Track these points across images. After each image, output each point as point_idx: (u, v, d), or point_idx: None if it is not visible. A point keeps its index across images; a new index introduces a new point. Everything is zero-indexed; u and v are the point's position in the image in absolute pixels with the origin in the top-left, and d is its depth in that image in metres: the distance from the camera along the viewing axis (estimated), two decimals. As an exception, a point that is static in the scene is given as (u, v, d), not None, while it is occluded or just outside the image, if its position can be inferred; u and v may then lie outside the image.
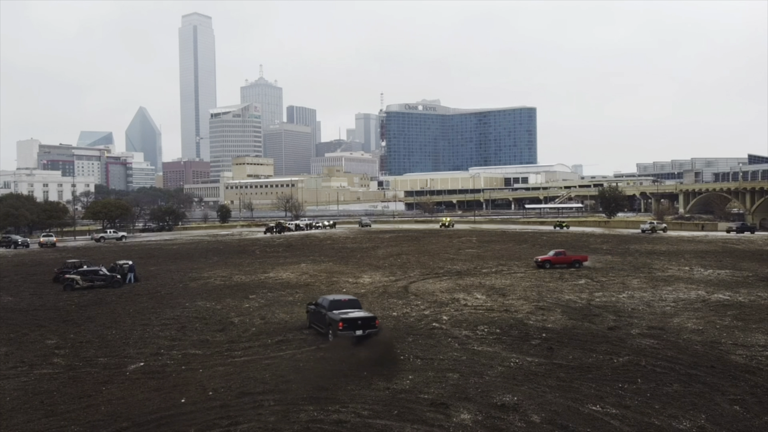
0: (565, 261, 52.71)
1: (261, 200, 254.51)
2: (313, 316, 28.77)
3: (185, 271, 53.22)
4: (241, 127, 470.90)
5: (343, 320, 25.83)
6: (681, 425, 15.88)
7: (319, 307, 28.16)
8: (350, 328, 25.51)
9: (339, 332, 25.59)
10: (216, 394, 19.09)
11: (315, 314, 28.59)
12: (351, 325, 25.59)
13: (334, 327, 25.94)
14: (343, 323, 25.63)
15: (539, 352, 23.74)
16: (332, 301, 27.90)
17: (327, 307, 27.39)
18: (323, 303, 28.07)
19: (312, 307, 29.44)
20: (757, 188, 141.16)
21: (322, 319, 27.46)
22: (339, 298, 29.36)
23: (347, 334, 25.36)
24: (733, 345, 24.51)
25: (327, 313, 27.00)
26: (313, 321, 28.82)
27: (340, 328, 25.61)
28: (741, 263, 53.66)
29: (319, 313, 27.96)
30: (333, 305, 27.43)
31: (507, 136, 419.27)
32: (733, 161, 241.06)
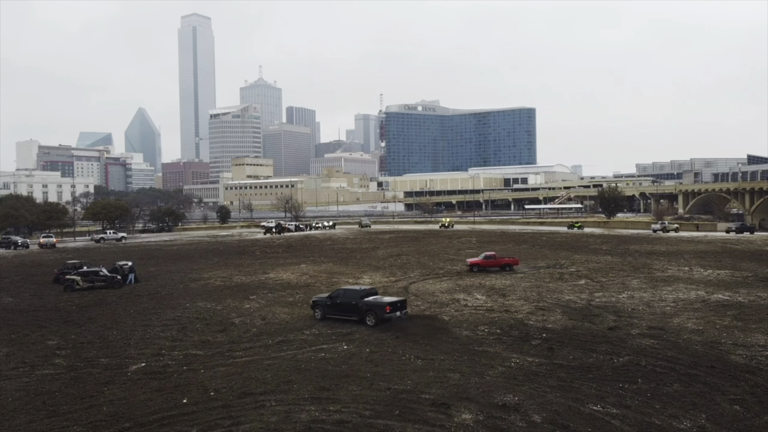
0: (495, 264, 52.03)
1: (260, 201, 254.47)
2: (334, 308, 31.04)
3: (185, 272, 53.26)
4: (240, 127, 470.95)
5: (389, 304, 29.86)
6: (681, 425, 15.93)
7: (344, 297, 30.94)
8: (394, 310, 29.75)
9: (386, 315, 29.32)
10: (218, 395, 19.14)
11: (337, 306, 30.99)
12: (395, 307, 29.86)
13: (380, 311, 29.40)
14: (390, 307, 29.63)
15: (540, 352, 23.79)
16: (362, 290, 31.69)
17: (360, 295, 30.73)
18: (352, 293, 31.22)
19: (326, 300, 31.56)
20: (756, 188, 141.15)
21: (352, 308, 30.28)
22: (364, 287, 33.00)
23: (392, 316, 29.45)
24: (733, 345, 24.57)
25: (361, 301, 30.18)
26: (331, 313, 31.05)
27: (388, 312, 29.46)
28: (741, 263, 53.72)
29: (345, 304, 30.63)
30: (364, 293, 31.15)
31: (506, 137, 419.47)
32: (733, 162, 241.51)
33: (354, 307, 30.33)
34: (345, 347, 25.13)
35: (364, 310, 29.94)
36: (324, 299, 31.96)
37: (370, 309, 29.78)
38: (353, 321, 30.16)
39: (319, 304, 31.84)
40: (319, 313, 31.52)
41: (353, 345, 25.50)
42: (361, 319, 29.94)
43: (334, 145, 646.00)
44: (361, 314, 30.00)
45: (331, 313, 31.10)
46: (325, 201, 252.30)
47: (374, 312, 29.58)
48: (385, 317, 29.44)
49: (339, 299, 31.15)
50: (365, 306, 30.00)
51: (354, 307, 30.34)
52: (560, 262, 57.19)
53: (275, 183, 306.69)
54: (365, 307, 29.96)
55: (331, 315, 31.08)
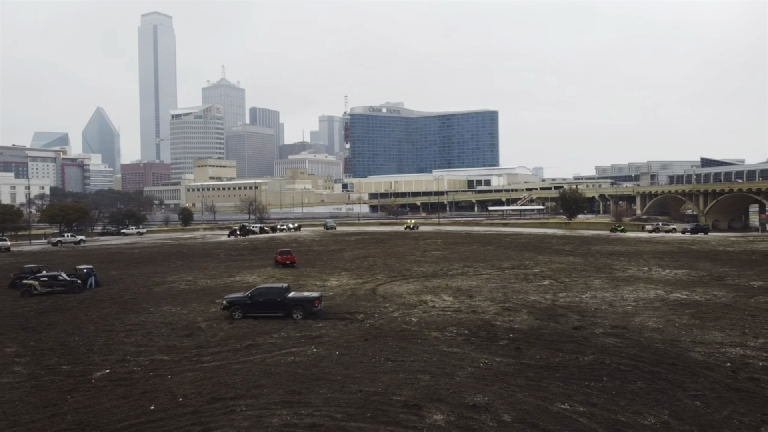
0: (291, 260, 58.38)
1: (224, 203, 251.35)
2: (256, 307, 32.23)
3: (148, 276, 52.23)
4: (202, 128, 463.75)
5: (317, 298, 32.59)
6: (646, 421, 16.41)
7: (268, 295, 32.52)
8: (319, 304, 32.50)
9: (314, 309, 31.93)
10: (186, 401, 18.86)
11: (259, 304, 32.27)
12: (319, 302, 32.60)
13: (309, 305, 31.90)
14: (318, 301, 32.39)
15: (508, 353, 24.15)
16: (285, 287, 33.45)
17: (284, 292, 32.65)
18: (275, 290, 32.94)
19: (246, 299, 32.50)
20: (709, 191, 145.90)
21: (277, 305, 32.04)
22: (284, 285, 34.59)
23: (318, 310, 32.20)
24: (692, 342, 25.39)
25: (287, 297, 32.21)
26: (253, 311, 32.12)
27: (316, 306, 32.17)
28: (696, 263, 55.46)
29: (269, 301, 32.21)
30: (287, 290, 33.19)
31: (470, 139, 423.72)
32: (687, 164, 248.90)
33: (279, 304, 32.22)
34: (315, 350, 25.05)
35: (291, 306, 31.93)
36: (243, 298, 32.82)
37: (299, 304, 32.01)
38: (277, 317, 31.82)
39: (237, 304, 32.56)
40: (238, 313, 32.18)
41: (323, 348, 25.44)
42: (287, 314, 31.76)
43: (299, 146, 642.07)
44: (287, 310, 31.88)
45: (253, 312, 32.12)
46: (289, 203, 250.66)
47: (303, 307, 31.89)
48: (314, 311, 31.96)
49: (261, 297, 32.45)
50: (292, 302, 32.09)
51: (279, 303, 32.16)
52: (524, 263, 58.09)
53: (239, 185, 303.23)
54: (292, 303, 32.06)
55: (253, 314, 32.08)
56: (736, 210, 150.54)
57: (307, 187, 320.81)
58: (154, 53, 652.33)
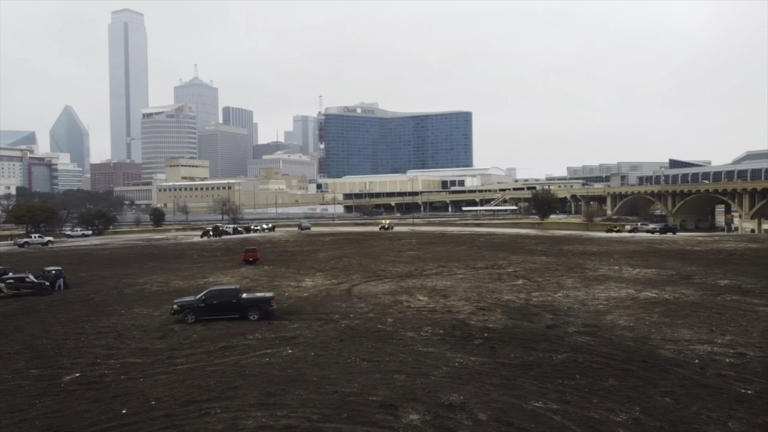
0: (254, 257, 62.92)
1: (197, 203, 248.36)
2: (211, 309, 31.94)
3: (119, 277, 51.38)
4: (175, 127, 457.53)
5: (272, 298, 33.06)
6: (618, 418, 16.69)
7: (222, 297, 32.41)
8: (274, 304, 32.80)
9: (270, 309, 32.21)
10: (159, 404, 18.60)
11: (214, 306, 32.00)
12: (274, 302, 32.97)
13: (265, 305, 32.23)
14: (273, 301, 32.78)
15: (482, 352, 24.34)
16: (238, 289, 33.77)
17: (238, 293, 32.88)
18: (230, 292, 33.02)
19: (199, 303, 32.08)
20: (677, 191, 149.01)
21: (233, 307, 32.11)
22: (236, 286, 35.09)
23: (273, 310, 32.40)
24: (662, 340, 25.89)
25: (242, 298, 32.45)
26: (207, 314, 31.79)
27: (272, 306, 32.47)
28: (665, 262, 56.57)
29: (224, 303, 32.15)
30: (240, 291, 33.48)
31: (444, 140, 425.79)
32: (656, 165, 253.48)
33: (235, 305, 32.27)
34: (290, 351, 24.92)
35: (246, 307, 32.17)
36: (195, 302, 32.40)
37: (255, 305, 32.32)
38: (233, 319, 31.78)
39: (189, 308, 32.03)
40: (191, 317, 31.67)
41: (298, 349, 25.32)
42: (242, 315, 31.94)
43: (273, 146, 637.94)
44: (243, 311, 32.09)
45: (207, 315, 31.93)
46: (263, 203, 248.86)
47: (259, 307, 32.20)
48: (270, 311, 32.29)
49: (215, 300, 32.30)
50: (248, 302, 32.25)
51: (235, 305, 32.29)
52: (498, 262, 58.59)
53: (212, 185, 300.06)
54: (248, 304, 32.35)
55: (207, 316, 31.86)
56: (703, 210, 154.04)
57: (282, 187, 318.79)
58: (125, 51, 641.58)
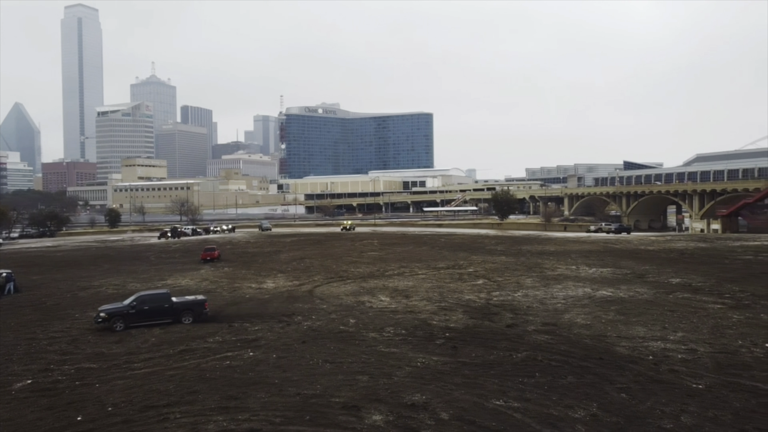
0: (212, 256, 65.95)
1: (154, 204, 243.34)
2: (142, 315, 31.01)
3: (73, 280, 49.94)
4: (131, 126, 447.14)
5: (206, 301, 33.05)
6: (576, 414, 17.07)
7: (154, 302, 31.68)
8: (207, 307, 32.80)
9: (204, 311, 32.20)
10: (116, 410, 18.14)
11: (145, 312, 31.10)
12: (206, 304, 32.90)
13: (199, 308, 32.20)
14: (207, 304, 32.81)
15: (444, 351, 24.54)
16: (168, 293, 33.40)
17: (170, 297, 32.49)
18: (161, 297, 32.31)
19: (128, 309, 30.98)
20: (631, 192, 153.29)
21: (166, 311, 31.60)
22: (165, 290, 34.81)
23: (207, 312, 32.33)
24: (618, 337, 26.59)
25: (175, 302, 32.03)
26: (138, 321, 30.81)
27: (206, 308, 32.47)
28: (620, 262, 58.07)
29: (157, 308, 31.51)
30: (171, 295, 33.03)
31: (405, 141, 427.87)
32: (611, 167, 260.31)
33: (168, 310, 31.82)
34: (251, 354, 24.64)
35: (180, 311, 31.88)
36: (125, 308, 31.16)
37: (188, 308, 32.15)
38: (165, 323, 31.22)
39: (118, 315, 30.65)
40: (120, 324, 30.34)
41: (259, 351, 25.06)
42: (176, 320, 31.55)
43: (232, 146, 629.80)
44: (176, 315, 31.74)
45: (138, 321, 30.86)
46: (223, 204, 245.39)
47: (193, 310, 32.10)
48: (204, 313, 32.22)
49: (147, 305, 31.45)
50: (182, 306, 32.14)
51: (168, 309, 31.82)
52: (459, 262, 59.18)
53: (170, 185, 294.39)
54: (182, 307, 32.08)
55: (138, 323, 30.80)
56: (656, 211, 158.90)
57: (242, 187, 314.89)
58: (78, 47, 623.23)
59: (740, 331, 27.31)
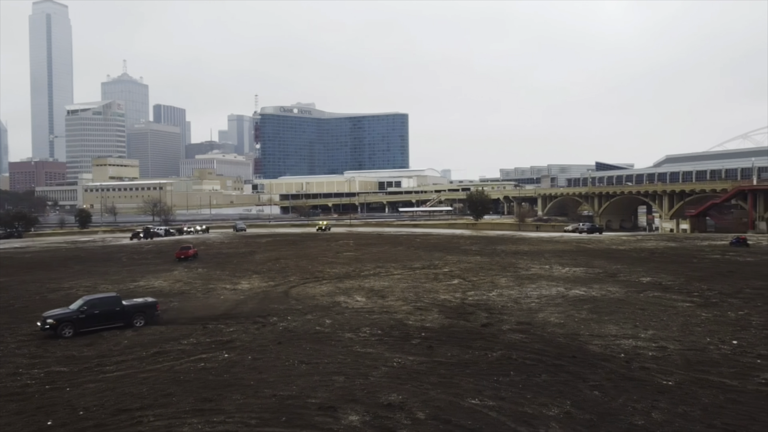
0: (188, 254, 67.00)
1: (126, 204, 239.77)
2: (92, 320, 29.97)
3: (43, 282, 48.91)
4: (102, 125, 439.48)
5: (157, 303, 32.95)
6: (550, 412, 17.31)
7: (104, 306, 30.64)
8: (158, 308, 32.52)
9: (156, 313, 32.01)
10: (88, 414, 17.84)
11: (95, 317, 30.07)
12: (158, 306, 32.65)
13: (151, 310, 31.88)
14: (158, 305, 32.67)
15: (420, 351, 24.65)
16: (118, 296, 32.47)
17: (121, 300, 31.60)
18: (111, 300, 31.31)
19: (77, 314, 29.74)
20: (603, 193, 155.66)
21: (117, 315, 30.75)
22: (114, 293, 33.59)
23: (158, 314, 32.14)
24: (590, 336, 27.01)
25: (126, 305, 31.31)
26: (88, 326, 29.74)
27: (158, 310, 32.29)
28: (593, 261, 58.94)
29: (107, 312, 30.53)
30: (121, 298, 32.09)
31: (381, 141, 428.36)
32: (584, 168, 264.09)
33: (120, 313, 31.00)
34: (226, 356, 24.44)
35: (132, 314, 31.24)
36: (73, 313, 29.82)
37: (141, 311, 31.65)
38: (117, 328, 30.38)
39: (67, 320, 29.30)
40: (68, 330, 29.01)
41: (234, 353, 24.86)
42: (127, 323, 30.82)
43: (206, 146, 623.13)
44: (128, 318, 31.05)
45: (88, 326, 29.71)
46: (196, 204, 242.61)
47: (145, 313, 31.66)
48: (155, 316, 31.92)
49: (97, 309, 30.31)
50: (133, 309, 31.50)
51: (119, 313, 30.99)
52: (434, 262, 59.44)
53: (142, 185, 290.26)
54: (133, 310, 31.45)
55: (88, 328, 29.66)
56: (627, 211, 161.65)
57: (216, 188, 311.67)
58: (47, 44, 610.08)
59: (708, 329, 27.97)
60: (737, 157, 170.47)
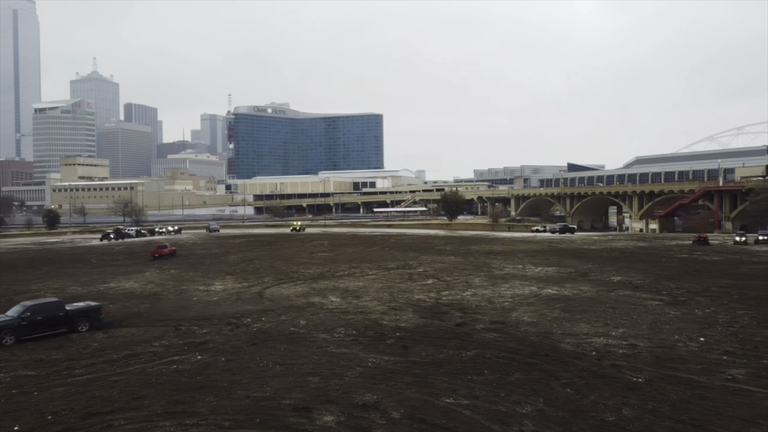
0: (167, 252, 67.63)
1: (96, 204, 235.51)
2: (34, 327, 28.79)
3: (8, 284, 47.75)
4: (71, 124, 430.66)
5: (102, 306, 32.30)
6: (524, 410, 17.49)
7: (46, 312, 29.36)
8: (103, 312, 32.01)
9: (101, 317, 31.31)
10: (57, 418, 17.47)
11: (38, 323, 28.89)
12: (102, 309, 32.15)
13: (95, 315, 31.13)
14: (102, 309, 32.05)
15: (395, 351, 24.69)
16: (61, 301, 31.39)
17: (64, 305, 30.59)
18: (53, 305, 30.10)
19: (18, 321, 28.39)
20: (575, 193, 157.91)
21: (60, 320, 29.74)
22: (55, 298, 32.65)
23: (103, 318, 31.48)
24: (563, 334, 27.37)
25: (70, 310, 30.32)
26: (30, 333, 28.58)
27: (102, 314, 31.63)
28: (565, 261, 59.76)
29: (51, 318, 29.39)
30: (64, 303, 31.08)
31: (355, 141, 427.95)
32: (556, 169, 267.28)
33: (63, 319, 29.93)
34: (199, 357, 24.16)
35: (76, 318, 30.29)
36: (14, 320, 28.37)
37: (85, 315, 30.76)
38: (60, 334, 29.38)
39: (8, 328, 27.95)
40: (9, 338, 27.69)
41: (207, 355, 24.60)
42: (71, 328, 29.87)
43: (179, 145, 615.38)
44: (72, 323, 30.06)
45: (30, 333, 28.54)
46: (168, 204, 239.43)
47: (89, 317, 30.82)
48: (100, 319, 31.25)
49: (39, 315, 29.04)
50: (77, 314, 30.53)
51: (63, 318, 29.93)
52: (409, 263, 59.61)
53: (112, 185, 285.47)
54: (77, 315, 30.50)
55: (30, 335, 28.49)
56: (598, 211, 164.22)
57: (188, 188, 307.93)
58: (13, 41, 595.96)
59: (677, 326, 28.56)
60: (704, 159, 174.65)
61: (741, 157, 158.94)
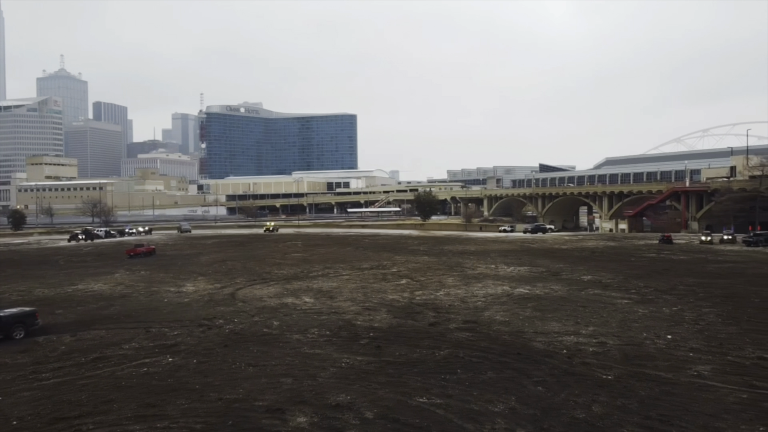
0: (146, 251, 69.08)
1: (64, 204, 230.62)
2: None
3: (-28, 287, 46.48)
4: (38, 122, 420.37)
5: (36, 312, 31.00)
6: (496, 408, 17.67)
7: None
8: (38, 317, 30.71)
9: (36, 322, 30.20)
10: (22, 423, 17.11)
11: None
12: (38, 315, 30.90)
13: (31, 320, 30.03)
14: (38, 314, 30.81)
15: (369, 351, 24.71)
16: None
17: None
18: None
19: None
20: (546, 194, 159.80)
21: None
22: None
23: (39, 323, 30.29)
24: (534, 333, 27.70)
25: (3, 316, 29.12)
26: None
27: (37, 318, 30.44)
28: (537, 260, 60.43)
29: None
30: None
31: (329, 142, 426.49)
32: (528, 169, 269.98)
33: None
34: (170, 360, 23.86)
35: (11, 325, 29.07)
36: None
37: (20, 321, 29.51)
38: None
39: None
40: None
41: (179, 357, 24.30)
42: (6, 335, 28.67)
43: (149, 145, 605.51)
44: (7, 330, 28.89)
45: None
46: (139, 205, 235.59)
47: (24, 323, 29.61)
48: (36, 324, 30.04)
49: None
50: (12, 320, 29.31)
51: None
52: (383, 263, 59.67)
53: (81, 185, 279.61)
54: (12, 321, 29.24)
55: None
56: (569, 211, 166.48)
57: (159, 188, 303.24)
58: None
59: (645, 324, 29.13)
60: (672, 160, 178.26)
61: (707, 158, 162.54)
